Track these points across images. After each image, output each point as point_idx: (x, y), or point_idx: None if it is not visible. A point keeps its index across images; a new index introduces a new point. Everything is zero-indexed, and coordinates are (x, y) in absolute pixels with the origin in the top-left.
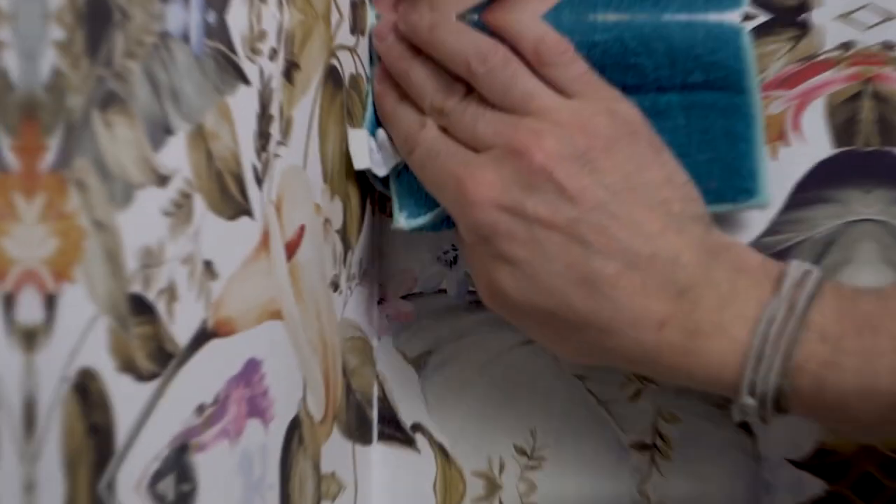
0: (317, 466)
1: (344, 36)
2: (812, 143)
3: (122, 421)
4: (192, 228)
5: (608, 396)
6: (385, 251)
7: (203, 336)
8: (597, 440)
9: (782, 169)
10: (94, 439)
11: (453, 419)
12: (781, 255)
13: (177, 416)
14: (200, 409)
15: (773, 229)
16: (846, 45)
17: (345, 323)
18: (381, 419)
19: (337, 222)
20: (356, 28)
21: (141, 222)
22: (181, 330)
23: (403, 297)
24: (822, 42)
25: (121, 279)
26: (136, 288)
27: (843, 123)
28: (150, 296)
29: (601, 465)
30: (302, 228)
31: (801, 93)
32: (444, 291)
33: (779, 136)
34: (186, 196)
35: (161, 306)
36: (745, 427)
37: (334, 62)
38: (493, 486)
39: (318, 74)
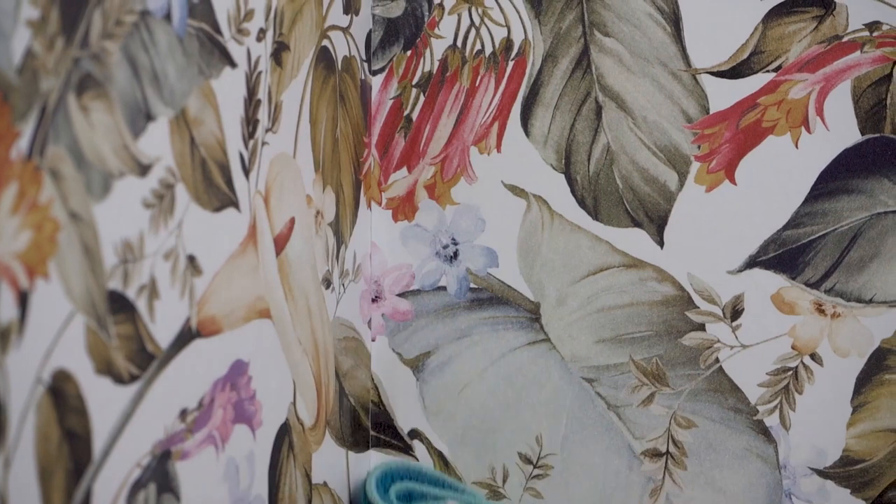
0: (307, 476)
1: (336, 16)
2: (836, 130)
3: (100, 426)
4: (175, 221)
5: (619, 401)
6: (381, 245)
7: (186, 336)
8: (607, 447)
9: (804, 158)
10: (71, 446)
11: (453, 425)
12: (804, 248)
13: (158, 421)
14: (184, 413)
15: (794, 222)
16: (873, 26)
17: (338, 322)
18: (377, 425)
19: (329, 215)
20: (350, 7)
21: (120, 214)
22: (163, 329)
23: (400, 295)
24: (847, 22)
25: (98, 275)
26: (114, 284)
27: (869, 108)
28: (130, 293)
29: (611, 474)
30: (292, 221)
31: (824, 76)
32: (444, 289)
33: (801, 122)
34: (168, 186)
35: (142, 304)
36: (765, 433)
37: (326, 43)
38: (496, 497)
39: (309, 56)
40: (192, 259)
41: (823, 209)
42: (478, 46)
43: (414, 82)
